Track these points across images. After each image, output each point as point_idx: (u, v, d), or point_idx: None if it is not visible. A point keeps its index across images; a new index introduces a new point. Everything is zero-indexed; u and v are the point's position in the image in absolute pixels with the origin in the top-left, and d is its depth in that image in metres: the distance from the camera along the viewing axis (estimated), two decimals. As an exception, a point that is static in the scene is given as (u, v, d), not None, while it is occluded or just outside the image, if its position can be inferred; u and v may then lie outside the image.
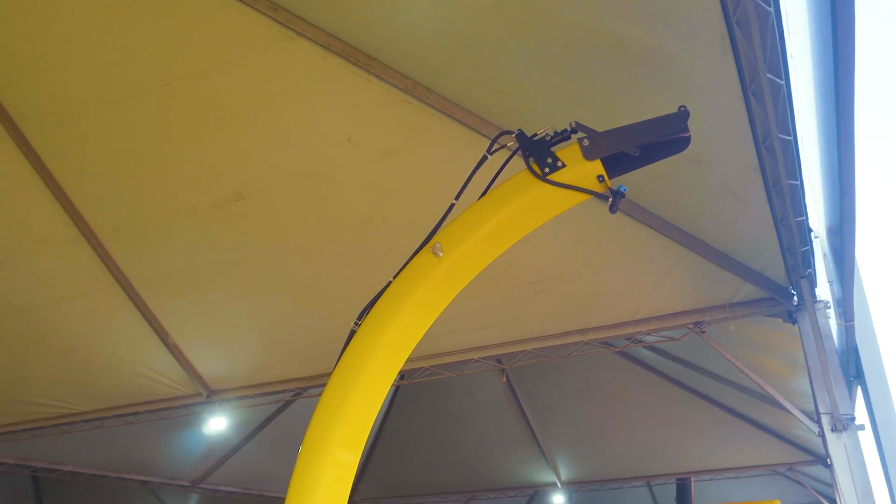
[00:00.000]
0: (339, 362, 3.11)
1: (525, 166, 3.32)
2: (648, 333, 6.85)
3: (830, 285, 5.85)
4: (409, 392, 11.32)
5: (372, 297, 3.26)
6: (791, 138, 4.25)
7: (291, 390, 8.72)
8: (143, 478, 13.58)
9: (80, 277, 7.30)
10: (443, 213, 3.37)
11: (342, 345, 3.20)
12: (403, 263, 3.29)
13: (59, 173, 6.43)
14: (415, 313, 3.18)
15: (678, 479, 12.24)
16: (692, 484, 11.81)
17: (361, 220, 6.33)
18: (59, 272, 7.31)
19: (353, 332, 3.19)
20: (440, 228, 3.34)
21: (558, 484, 14.38)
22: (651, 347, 9.61)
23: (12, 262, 7.15)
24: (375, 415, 3.14)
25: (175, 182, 6.33)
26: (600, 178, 3.24)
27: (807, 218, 5.15)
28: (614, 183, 3.27)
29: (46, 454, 11.66)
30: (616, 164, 3.26)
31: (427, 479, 14.36)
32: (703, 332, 6.44)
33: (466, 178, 3.40)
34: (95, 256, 7.03)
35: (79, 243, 6.90)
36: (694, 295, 6.34)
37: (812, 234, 5.56)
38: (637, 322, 6.71)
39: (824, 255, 5.91)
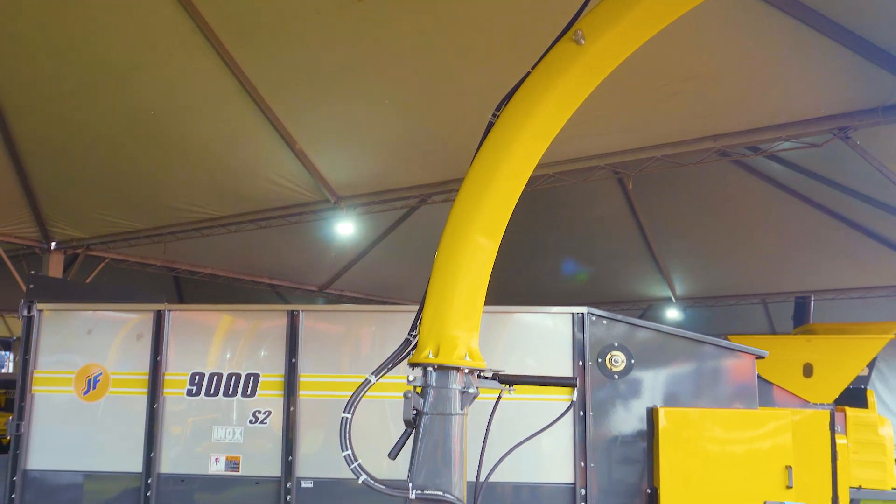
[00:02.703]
0: (479, 152, 3.09)
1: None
2: (788, 139, 6.49)
3: None
4: (527, 201, 11.36)
5: (508, 90, 3.16)
6: None
7: (416, 196, 8.90)
8: (274, 282, 14.55)
9: (209, 84, 7.43)
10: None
11: (468, 149, 3.16)
12: (542, 53, 3.14)
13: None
14: (556, 102, 3.07)
15: (797, 298, 12.04)
16: (811, 303, 11.60)
17: (488, 14, 6.09)
18: (188, 79, 7.46)
19: (490, 124, 3.14)
20: (581, 15, 3.14)
21: (673, 299, 14.50)
22: (776, 158, 9.12)
23: (144, 69, 7.32)
24: (514, 204, 3.14)
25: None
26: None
27: None
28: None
29: (188, 258, 12.60)
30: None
31: (542, 289, 14.67)
32: (848, 137, 6.05)
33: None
34: (221, 62, 7.07)
35: (205, 49, 6.94)
36: (842, 97, 5.91)
37: None
38: (776, 127, 6.35)
39: None
